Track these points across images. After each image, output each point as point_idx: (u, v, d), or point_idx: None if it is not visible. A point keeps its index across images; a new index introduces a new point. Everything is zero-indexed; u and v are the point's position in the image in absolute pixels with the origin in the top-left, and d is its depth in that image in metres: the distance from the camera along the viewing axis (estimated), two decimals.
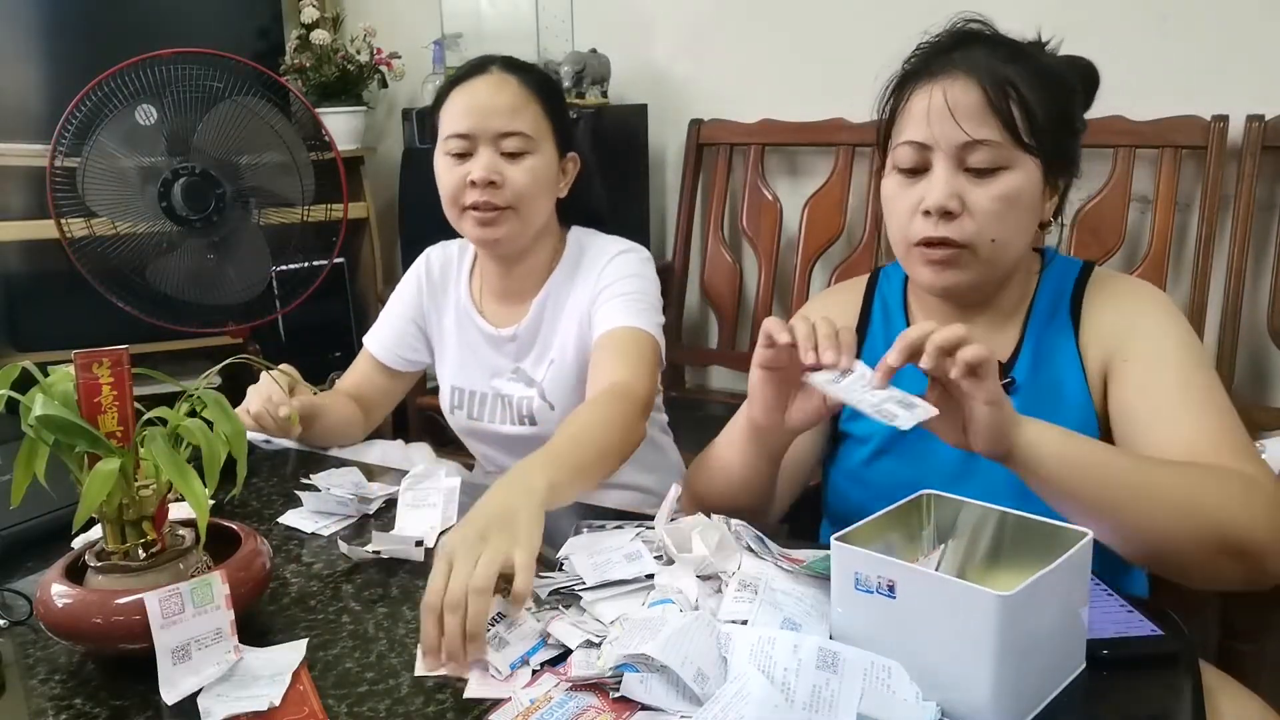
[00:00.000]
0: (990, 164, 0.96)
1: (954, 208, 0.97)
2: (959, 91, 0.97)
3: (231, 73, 2.06)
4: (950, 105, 0.96)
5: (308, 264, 2.27)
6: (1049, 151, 0.98)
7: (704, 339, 2.64)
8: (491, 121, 1.30)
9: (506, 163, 1.31)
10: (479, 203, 1.31)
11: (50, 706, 0.78)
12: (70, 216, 2.02)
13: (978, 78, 0.96)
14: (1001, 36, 1.02)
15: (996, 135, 0.96)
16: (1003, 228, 0.97)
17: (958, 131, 0.96)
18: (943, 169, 0.97)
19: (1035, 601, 0.69)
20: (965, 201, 0.97)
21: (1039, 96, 0.97)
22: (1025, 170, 0.97)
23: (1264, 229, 1.93)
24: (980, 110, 0.96)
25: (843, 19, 2.30)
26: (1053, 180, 1.01)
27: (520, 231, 1.35)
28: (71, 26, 2.55)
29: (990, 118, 0.96)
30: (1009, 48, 1.00)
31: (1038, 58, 1.01)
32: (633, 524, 1.03)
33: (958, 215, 0.97)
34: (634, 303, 1.34)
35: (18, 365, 0.82)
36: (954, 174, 0.97)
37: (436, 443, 1.52)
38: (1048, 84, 0.98)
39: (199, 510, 0.80)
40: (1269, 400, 1.98)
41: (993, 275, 1.02)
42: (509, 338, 1.42)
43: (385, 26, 2.85)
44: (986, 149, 0.96)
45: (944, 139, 0.97)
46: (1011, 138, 0.96)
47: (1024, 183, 0.97)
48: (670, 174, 2.63)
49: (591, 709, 0.73)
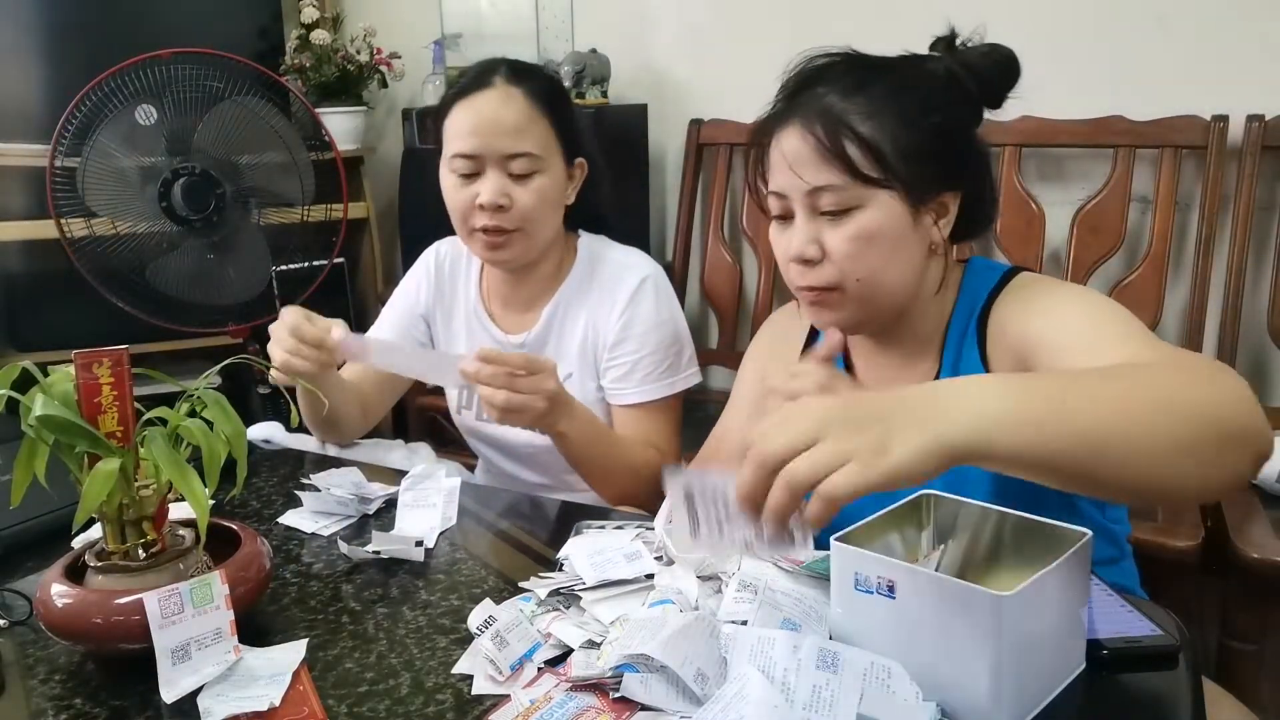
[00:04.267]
0: (839, 206, 0.95)
1: (812, 254, 0.97)
2: (796, 141, 0.96)
3: (231, 73, 2.06)
4: (788, 156, 0.96)
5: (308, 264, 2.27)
6: (909, 177, 0.95)
7: (704, 339, 2.64)
8: (498, 143, 1.29)
9: (514, 184, 1.30)
10: (488, 226, 1.30)
11: (50, 706, 0.78)
12: (70, 216, 2.02)
13: (809, 124, 0.95)
14: (854, 63, 1.00)
15: (836, 179, 0.94)
16: (864, 266, 0.96)
17: (799, 181, 0.96)
18: (800, 217, 0.97)
19: (1035, 601, 0.69)
20: (824, 246, 0.96)
21: (887, 124, 0.94)
22: (880, 205, 0.95)
23: (1264, 229, 1.93)
24: (815, 156, 0.95)
25: (843, 19, 2.30)
26: (931, 201, 0.97)
27: (529, 250, 1.35)
28: (71, 26, 2.55)
29: (827, 161, 0.94)
30: (856, 77, 0.97)
31: (898, 77, 0.97)
32: (633, 524, 1.03)
33: (818, 261, 0.97)
34: (651, 367, 1.36)
35: (18, 365, 0.82)
36: (810, 220, 0.97)
37: (436, 443, 1.52)
38: (904, 106, 0.95)
39: (199, 510, 0.80)
40: (1269, 400, 1.98)
41: (876, 310, 1.00)
42: (518, 345, 1.41)
43: (385, 26, 2.85)
44: (830, 193, 0.95)
45: (792, 188, 0.97)
46: (853, 178, 0.94)
47: (880, 217, 0.95)
48: (670, 174, 2.63)
49: (591, 709, 0.73)
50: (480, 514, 1.15)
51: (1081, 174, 2.09)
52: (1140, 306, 1.95)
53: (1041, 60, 2.05)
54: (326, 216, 2.24)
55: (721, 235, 2.50)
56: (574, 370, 1.40)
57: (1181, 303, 1.97)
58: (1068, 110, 2.01)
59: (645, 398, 1.36)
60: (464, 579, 0.98)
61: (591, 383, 1.40)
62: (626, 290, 1.37)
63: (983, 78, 0.99)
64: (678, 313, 1.40)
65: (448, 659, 0.82)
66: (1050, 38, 2.02)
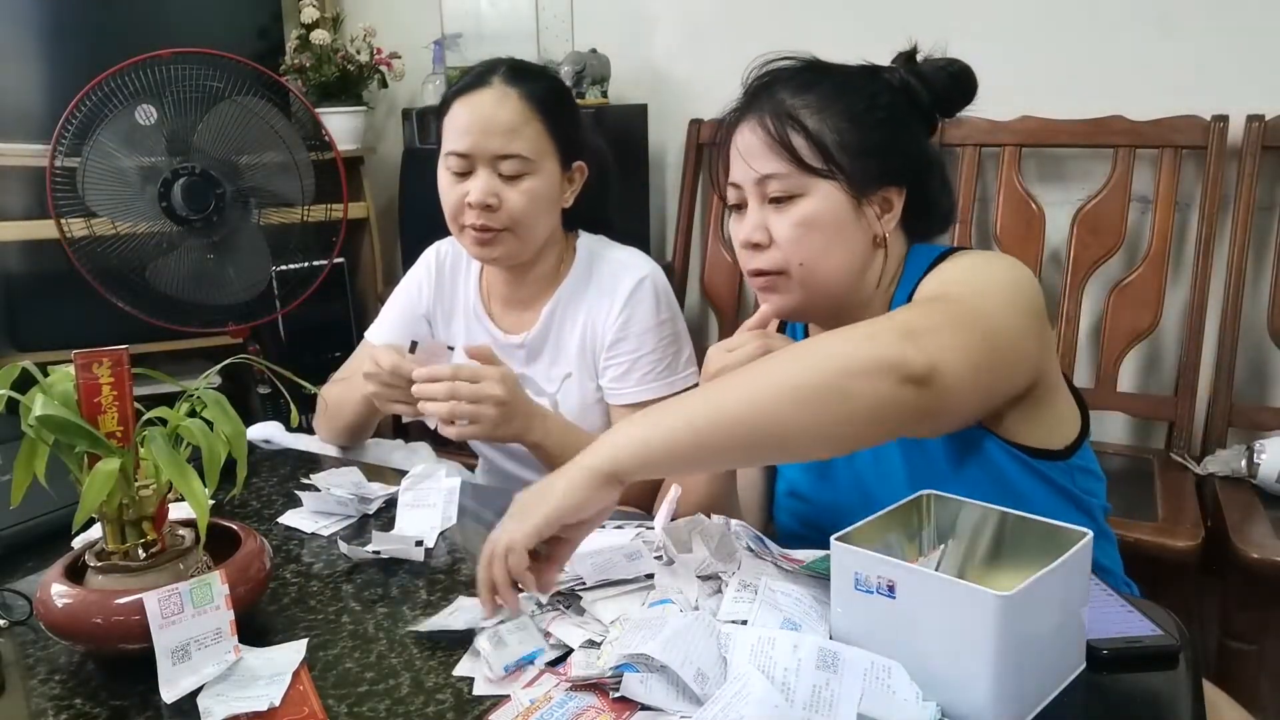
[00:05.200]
0: (784, 193, 1.01)
1: (759, 239, 1.03)
2: (747, 133, 1.03)
3: (231, 73, 2.05)
4: (741, 149, 1.03)
5: (308, 264, 2.26)
6: (852, 170, 1.00)
7: (704, 339, 2.64)
8: (489, 143, 1.30)
9: (504, 185, 1.31)
10: (476, 224, 1.31)
11: (50, 706, 0.78)
12: (70, 216, 2.02)
13: (761, 118, 1.02)
14: (810, 66, 1.06)
15: (782, 167, 1.00)
16: (806, 251, 1.01)
17: (750, 170, 1.03)
18: (752, 205, 1.04)
19: (1035, 601, 0.69)
20: (771, 232, 1.02)
21: (832, 119, 1.00)
22: (822, 194, 1.01)
23: (1264, 229, 1.93)
24: (764, 147, 1.01)
25: (843, 19, 2.30)
26: (872, 194, 1.02)
27: (519, 250, 1.35)
28: (71, 26, 2.55)
29: (774, 151, 1.01)
30: (808, 77, 1.04)
31: (848, 80, 1.04)
32: (633, 524, 1.03)
33: (766, 246, 1.03)
34: (650, 367, 1.36)
35: (18, 365, 0.82)
36: (760, 208, 1.03)
37: (436, 443, 1.52)
38: (850, 104, 1.01)
39: (199, 510, 0.80)
40: (1269, 400, 1.98)
41: (820, 295, 1.04)
42: (518, 345, 1.42)
43: (385, 26, 2.85)
44: (776, 180, 1.01)
45: (744, 178, 1.04)
46: (797, 166, 1.00)
47: (822, 205, 1.00)
48: (670, 174, 2.63)
49: (591, 709, 0.73)
50: (480, 514, 1.15)
51: (1081, 174, 2.08)
52: (1140, 307, 1.95)
53: (1042, 60, 2.08)
54: (326, 216, 2.24)
55: (721, 235, 2.49)
56: (573, 370, 1.40)
57: (1181, 303, 1.97)
58: (1068, 110, 2.01)
59: (643, 397, 1.36)
60: (464, 579, 0.98)
61: (590, 383, 1.40)
62: (625, 290, 1.37)
63: (936, 90, 1.06)
64: (677, 313, 1.40)
65: (448, 659, 0.82)
66: (1050, 37, 2.02)
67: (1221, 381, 1.90)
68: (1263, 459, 1.68)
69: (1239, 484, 1.72)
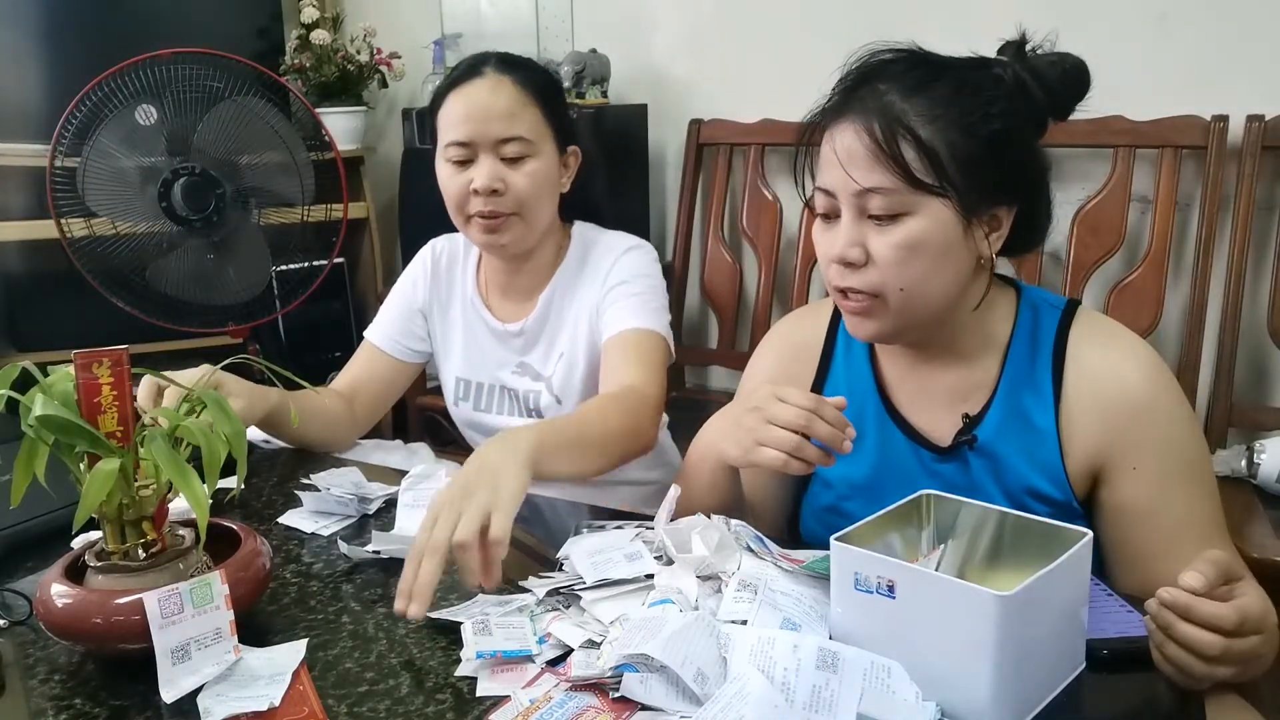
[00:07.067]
0: (887, 210, 0.91)
1: (854, 258, 0.93)
2: (850, 138, 0.92)
3: (231, 73, 2.06)
4: (840, 154, 0.92)
5: (308, 264, 2.27)
6: (965, 186, 0.90)
7: (704, 339, 2.64)
8: (490, 128, 1.30)
9: (508, 168, 1.31)
10: (483, 211, 1.31)
11: (50, 706, 0.78)
12: (70, 216, 2.03)
13: (867, 122, 0.91)
14: (917, 61, 0.95)
15: (888, 181, 0.90)
16: (908, 276, 0.92)
17: (849, 180, 0.92)
18: (846, 217, 0.94)
19: (1035, 601, 0.69)
20: (869, 250, 0.93)
21: (947, 128, 0.90)
22: (930, 213, 0.91)
23: (1264, 229, 1.93)
24: (869, 156, 0.91)
25: (843, 19, 2.30)
26: (983, 213, 0.93)
27: (526, 234, 1.35)
28: (71, 26, 2.55)
29: (881, 163, 0.90)
30: (918, 76, 0.93)
31: (962, 80, 0.93)
32: (633, 524, 1.03)
33: (861, 265, 0.93)
34: (644, 303, 1.35)
35: (18, 365, 0.82)
36: (856, 222, 0.93)
37: (436, 443, 1.53)
38: (966, 111, 0.91)
39: (199, 510, 0.80)
40: (1269, 400, 1.98)
41: (914, 322, 0.96)
42: (515, 333, 1.42)
43: (385, 26, 2.85)
44: (880, 196, 0.91)
45: (841, 187, 0.93)
46: (906, 182, 0.90)
47: (929, 226, 0.91)
48: (670, 174, 2.63)
49: (591, 709, 0.73)
50: None
51: (1081, 174, 2.08)
52: (1140, 307, 1.95)
53: None
54: (326, 216, 2.24)
55: (721, 235, 2.50)
56: (564, 351, 1.40)
57: (1181, 303, 1.97)
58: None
59: (634, 323, 1.33)
60: None
61: (583, 359, 1.39)
62: (614, 255, 1.39)
63: (1051, 87, 0.96)
64: (663, 281, 1.41)
65: (448, 659, 0.82)
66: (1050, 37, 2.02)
67: (1221, 381, 1.90)
68: (1263, 459, 1.68)
69: (1239, 484, 1.72)
